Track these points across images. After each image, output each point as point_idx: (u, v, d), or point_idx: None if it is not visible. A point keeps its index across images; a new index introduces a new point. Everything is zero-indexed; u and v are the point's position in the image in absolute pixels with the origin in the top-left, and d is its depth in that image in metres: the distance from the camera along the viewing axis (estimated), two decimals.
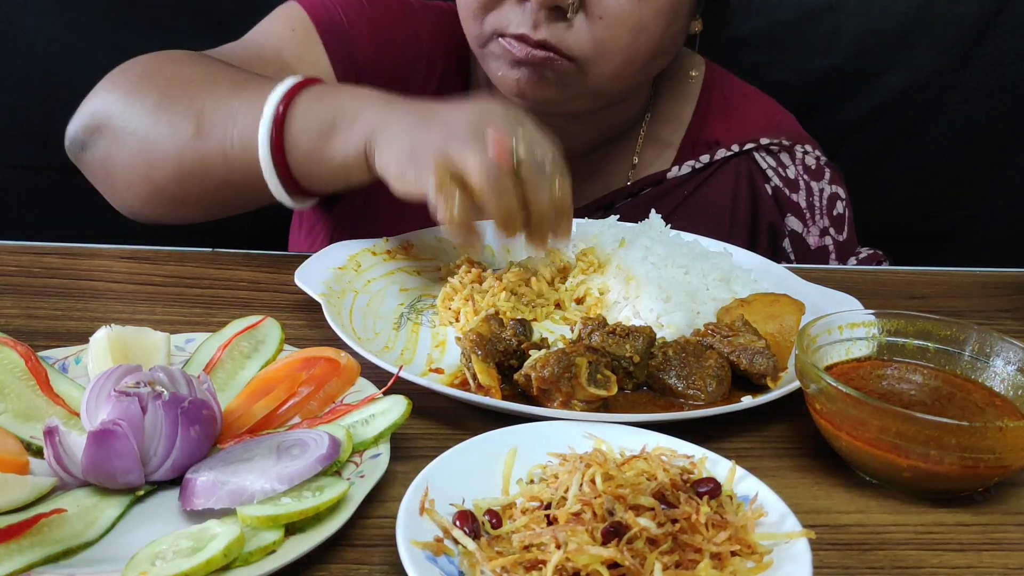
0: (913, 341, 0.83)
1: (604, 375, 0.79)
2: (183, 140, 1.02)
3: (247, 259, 1.10)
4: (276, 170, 0.99)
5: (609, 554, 0.56)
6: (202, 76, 1.06)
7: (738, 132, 1.35)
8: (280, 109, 0.98)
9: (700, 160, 1.33)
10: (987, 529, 0.70)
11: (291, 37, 1.22)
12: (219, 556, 0.56)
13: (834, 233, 1.34)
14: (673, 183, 1.33)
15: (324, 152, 0.97)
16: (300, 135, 0.98)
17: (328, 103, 0.98)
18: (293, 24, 1.23)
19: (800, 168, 1.34)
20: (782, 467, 0.76)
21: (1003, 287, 1.19)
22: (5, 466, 0.65)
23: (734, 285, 1.00)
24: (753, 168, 1.33)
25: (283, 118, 0.98)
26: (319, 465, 0.65)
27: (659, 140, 1.37)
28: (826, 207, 1.34)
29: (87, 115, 1.08)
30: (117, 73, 1.10)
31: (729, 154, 1.33)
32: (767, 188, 1.33)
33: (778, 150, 1.34)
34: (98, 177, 1.11)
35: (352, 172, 0.97)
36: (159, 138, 1.03)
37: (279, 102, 0.98)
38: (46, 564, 0.58)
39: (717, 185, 1.33)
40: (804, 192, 1.33)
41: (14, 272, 1.03)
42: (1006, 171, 1.68)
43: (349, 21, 1.24)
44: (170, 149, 1.03)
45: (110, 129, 1.06)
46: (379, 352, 0.86)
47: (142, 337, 0.80)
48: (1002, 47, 1.56)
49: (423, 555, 0.58)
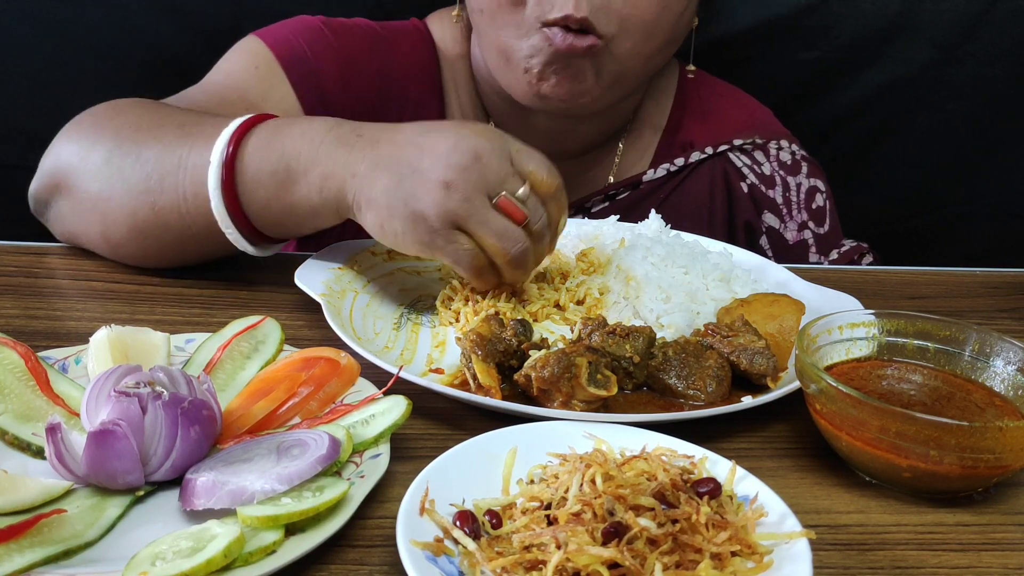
0: (913, 341, 0.83)
1: (604, 375, 0.79)
2: (135, 195, 0.97)
3: (247, 259, 1.09)
4: (233, 220, 0.94)
5: (609, 554, 0.56)
6: (149, 123, 1.00)
7: (713, 133, 1.35)
8: (229, 152, 0.92)
9: (675, 163, 1.33)
10: (987, 529, 0.70)
11: (255, 75, 1.18)
12: (219, 556, 0.56)
13: (813, 226, 1.33)
14: (649, 186, 1.33)
15: (284, 202, 0.93)
16: (254, 185, 0.93)
17: (280, 147, 0.93)
18: (256, 61, 1.19)
19: (775, 164, 1.34)
20: (782, 467, 0.76)
21: (1003, 287, 1.19)
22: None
23: (734, 285, 1.00)
24: (728, 168, 1.34)
25: (232, 164, 0.92)
26: (319, 465, 0.65)
27: (639, 143, 1.37)
28: (804, 201, 1.33)
29: (46, 174, 1.04)
30: (71, 126, 1.05)
31: (703, 156, 1.33)
32: (743, 186, 1.33)
33: (752, 148, 1.34)
34: (64, 236, 1.08)
35: (320, 220, 0.94)
36: (111, 195, 0.98)
37: (226, 146, 0.92)
38: (46, 564, 0.58)
39: (693, 187, 1.33)
40: (780, 188, 1.33)
41: (14, 272, 1.03)
42: (989, 168, 1.69)
43: (314, 54, 1.21)
44: (124, 205, 0.97)
45: (66, 187, 1.02)
46: (379, 352, 0.86)
47: (142, 337, 0.81)
48: (989, 44, 1.56)
49: (423, 555, 0.58)
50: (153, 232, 0.98)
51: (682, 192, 1.33)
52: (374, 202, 0.88)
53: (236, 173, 0.93)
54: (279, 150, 0.93)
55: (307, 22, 1.25)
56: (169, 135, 0.98)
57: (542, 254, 0.93)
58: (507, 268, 0.90)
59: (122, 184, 0.97)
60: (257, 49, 1.20)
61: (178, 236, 0.98)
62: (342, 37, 1.25)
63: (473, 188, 0.85)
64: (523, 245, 0.88)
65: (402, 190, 0.86)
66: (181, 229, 0.97)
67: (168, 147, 0.97)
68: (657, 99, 1.37)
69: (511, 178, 0.88)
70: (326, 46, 1.23)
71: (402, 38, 1.31)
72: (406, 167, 0.87)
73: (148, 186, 0.96)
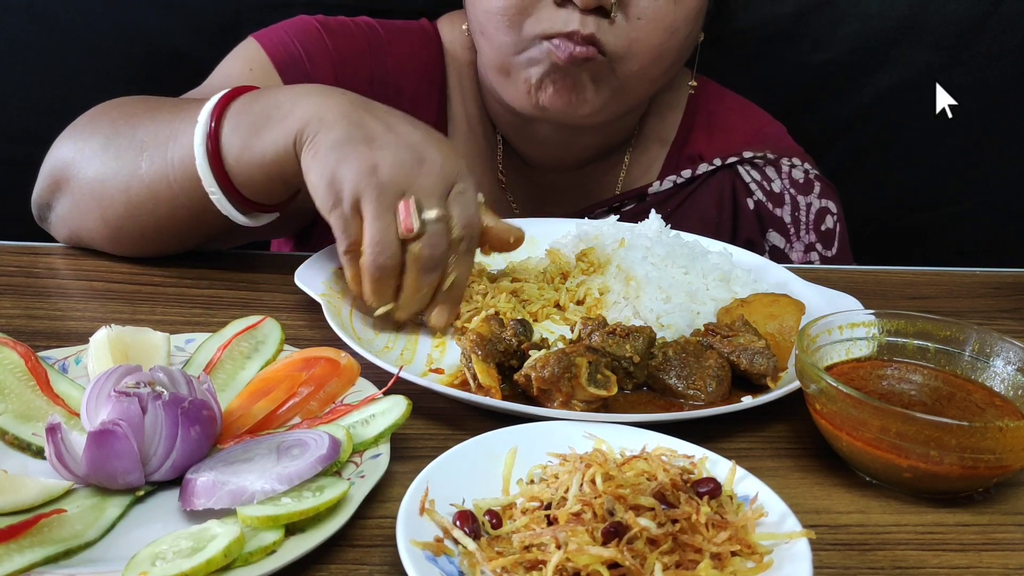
0: (913, 341, 0.83)
1: (604, 375, 0.79)
2: (129, 172, 0.98)
3: (247, 259, 1.10)
4: (217, 181, 0.94)
5: (609, 554, 0.56)
6: (145, 108, 1.03)
7: (722, 146, 1.34)
8: (214, 118, 0.94)
9: (682, 175, 1.32)
10: (987, 529, 0.70)
11: (250, 77, 1.18)
12: (219, 556, 0.56)
13: (821, 248, 1.31)
14: (655, 199, 1.32)
15: (256, 150, 0.92)
16: (232, 136, 0.93)
17: (263, 101, 0.94)
18: (251, 64, 1.20)
19: (787, 182, 1.32)
20: (782, 467, 0.76)
21: (1003, 287, 1.19)
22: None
23: (734, 285, 1.00)
24: (737, 182, 1.32)
25: (218, 125, 0.93)
26: (319, 465, 0.65)
27: (645, 156, 1.37)
28: (813, 222, 1.32)
29: (45, 176, 1.06)
30: (67, 129, 1.07)
31: (711, 168, 1.32)
32: (749, 203, 1.31)
33: (763, 164, 1.33)
34: (68, 237, 1.08)
35: (286, 168, 0.92)
36: (107, 175, 1.00)
37: (213, 109, 0.94)
38: (46, 564, 0.58)
39: (701, 200, 1.32)
40: (789, 207, 1.31)
41: (14, 272, 1.03)
42: (988, 170, 1.69)
43: (309, 57, 1.22)
44: (118, 183, 0.99)
45: (66, 181, 1.03)
46: (379, 352, 0.86)
47: (142, 337, 0.81)
48: (993, 46, 1.56)
49: (423, 555, 0.58)
50: (146, 206, 0.99)
51: (689, 206, 1.32)
52: (316, 145, 0.88)
53: (220, 131, 0.94)
54: (262, 103, 0.94)
55: (304, 24, 1.25)
56: (164, 114, 1.00)
57: (419, 287, 0.89)
58: (365, 273, 0.87)
59: (117, 163, 0.99)
60: (253, 52, 1.21)
61: (170, 209, 0.99)
62: (338, 38, 1.25)
63: (392, 183, 0.85)
64: (388, 259, 0.86)
65: (342, 150, 0.87)
66: (171, 200, 0.98)
67: (162, 123, 0.99)
68: (664, 113, 1.36)
69: (432, 196, 0.87)
70: (320, 48, 1.23)
71: (404, 37, 1.30)
72: (362, 133, 0.88)
73: (140, 161, 0.98)
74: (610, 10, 1.08)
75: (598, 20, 1.09)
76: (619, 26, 1.10)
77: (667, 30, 1.13)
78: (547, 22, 1.10)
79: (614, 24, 1.10)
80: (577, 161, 1.33)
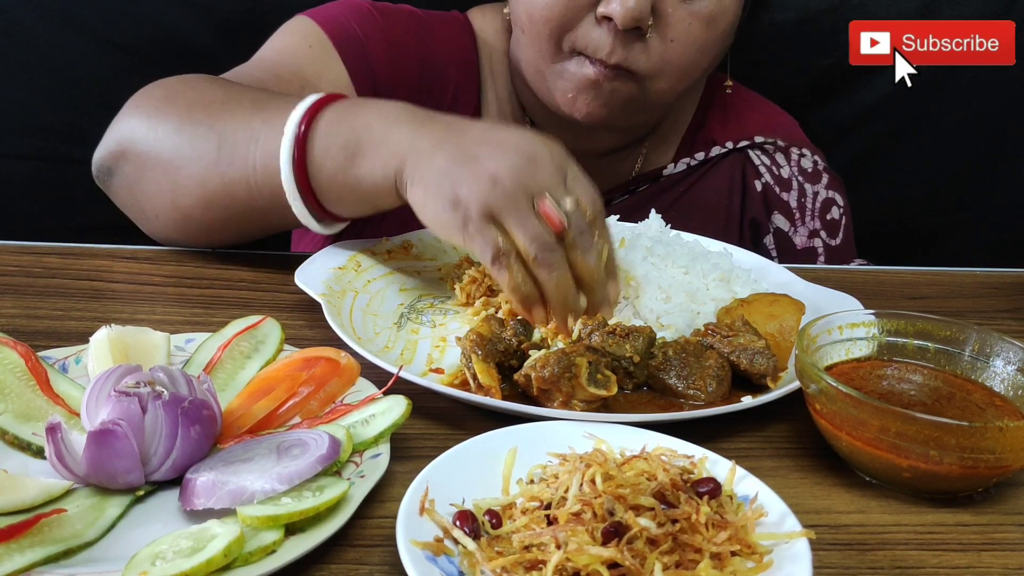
0: (913, 341, 0.83)
1: (604, 375, 0.79)
2: (206, 165, 0.98)
3: (247, 259, 1.10)
4: (300, 193, 0.95)
5: (609, 554, 0.56)
6: (222, 98, 1.02)
7: (736, 131, 1.36)
8: (302, 128, 0.93)
9: (695, 157, 1.35)
10: (987, 529, 0.70)
11: (308, 53, 1.18)
12: (219, 556, 0.56)
13: (825, 236, 1.34)
14: (670, 180, 1.35)
15: (350, 176, 0.93)
16: (323, 157, 0.93)
17: (352, 122, 0.94)
18: (309, 40, 1.20)
19: (795, 169, 1.35)
20: (782, 467, 0.76)
21: (1003, 287, 1.19)
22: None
23: (734, 285, 1.00)
24: (747, 165, 1.35)
25: (305, 137, 0.93)
26: (319, 465, 0.65)
27: (664, 144, 1.39)
28: (819, 210, 1.34)
29: (112, 141, 1.05)
30: (139, 97, 1.07)
31: (724, 151, 1.35)
32: (756, 184, 1.34)
33: (773, 150, 1.36)
34: (126, 204, 1.08)
35: (381, 199, 0.93)
36: (182, 163, 1.00)
37: (300, 120, 0.93)
38: (46, 564, 0.58)
39: (713, 182, 1.34)
40: (796, 192, 1.34)
41: (14, 272, 1.03)
42: (996, 172, 1.69)
43: (364, 34, 1.22)
44: (193, 174, 0.99)
45: (135, 154, 1.03)
46: (379, 352, 0.86)
47: (142, 337, 0.80)
48: None
49: (423, 555, 0.58)
50: (222, 202, 1.00)
51: (702, 187, 1.35)
52: (424, 179, 0.88)
53: (308, 146, 0.94)
54: (352, 124, 0.94)
55: (357, 3, 1.26)
56: (243, 109, 1.00)
57: (592, 272, 0.88)
58: (537, 272, 0.86)
59: (193, 153, 0.99)
60: (309, 28, 1.21)
61: (244, 208, 1.00)
62: (389, 19, 1.26)
63: (519, 187, 0.85)
64: (553, 252, 0.85)
65: (452, 173, 0.86)
66: (247, 200, 0.99)
67: (241, 121, 0.98)
68: (684, 104, 1.38)
69: (559, 188, 0.87)
70: (375, 28, 1.24)
71: (444, 25, 1.32)
72: (464, 153, 0.87)
73: (219, 157, 0.98)
74: (646, 31, 1.10)
75: (631, 45, 1.11)
76: (652, 48, 1.12)
77: (699, 51, 1.15)
78: (583, 39, 1.12)
79: (647, 45, 1.12)
80: (600, 151, 1.34)
